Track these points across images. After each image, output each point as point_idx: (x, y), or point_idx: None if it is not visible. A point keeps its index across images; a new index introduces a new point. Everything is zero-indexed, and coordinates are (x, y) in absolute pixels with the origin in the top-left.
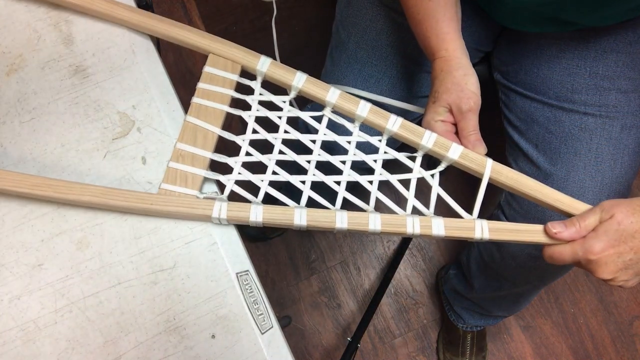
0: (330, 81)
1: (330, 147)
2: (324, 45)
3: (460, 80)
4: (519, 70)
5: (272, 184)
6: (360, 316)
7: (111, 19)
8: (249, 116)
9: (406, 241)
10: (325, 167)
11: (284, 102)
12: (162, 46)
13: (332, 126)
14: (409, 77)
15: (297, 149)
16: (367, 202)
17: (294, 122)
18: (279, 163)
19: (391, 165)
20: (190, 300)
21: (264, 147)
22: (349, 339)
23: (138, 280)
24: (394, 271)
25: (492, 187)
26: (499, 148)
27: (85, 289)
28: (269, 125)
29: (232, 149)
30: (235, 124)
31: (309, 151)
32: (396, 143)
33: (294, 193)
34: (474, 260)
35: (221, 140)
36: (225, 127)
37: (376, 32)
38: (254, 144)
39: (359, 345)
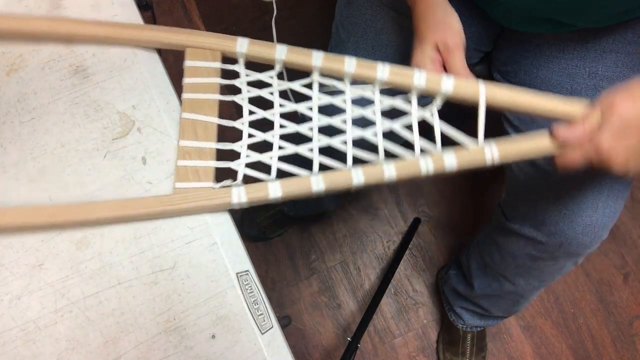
0: None
1: (329, 113)
2: (324, 45)
3: (443, 18)
4: (519, 71)
5: (281, 160)
6: (360, 316)
7: (77, 37)
8: (242, 99)
9: (406, 241)
10: (328, 132)
11: (271, 77)
12: None
13: (326, 92)
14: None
15: (297, 122)
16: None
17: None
18: (283, 138)
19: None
20: (190, 300)
21: (265, 125)
22: (349, 339)
23: (138, 281)
24: (394, 271)
25: (491, 185)
26: None
27: (85, 289)
28: (264, 104)
29: (234, 136)
30: (231, 112)
31: (308, 120)
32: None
33: (304, 164)
34: (474, 260)
35: (222, 130)
36: (222, 116)
37: (376, 32)
38: (254, 125)
39: (359, 345)
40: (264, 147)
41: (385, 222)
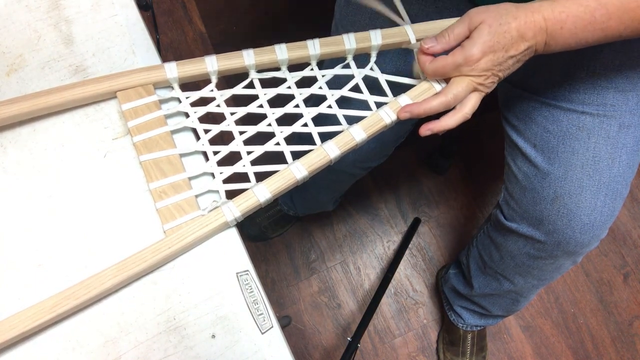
0: None
1: (280, 103)
2: None
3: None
4: (517, 70)
5: (255, 163)
6: (360, 316)
7: None
8: (192, 121)
9: (406, 241)
10: (287, 121)
11: (212, 90)
12: (162, 46)
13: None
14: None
15: (255, 122)
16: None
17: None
18: (248, 143)
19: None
20: (190, 300)
21: (227, 138)
22: (349, 339)
23: (138, 281)
24: (394, 271)
25: (490, 185)
26: (499, 148)
27: None
28: (218, 117)
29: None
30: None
31: (264, 117)
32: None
33: (277, 160)
34: (474, 260)
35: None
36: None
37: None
38: (215, 141)
39: (359, 345)
40: (234, 159)
41: (385, 222)
